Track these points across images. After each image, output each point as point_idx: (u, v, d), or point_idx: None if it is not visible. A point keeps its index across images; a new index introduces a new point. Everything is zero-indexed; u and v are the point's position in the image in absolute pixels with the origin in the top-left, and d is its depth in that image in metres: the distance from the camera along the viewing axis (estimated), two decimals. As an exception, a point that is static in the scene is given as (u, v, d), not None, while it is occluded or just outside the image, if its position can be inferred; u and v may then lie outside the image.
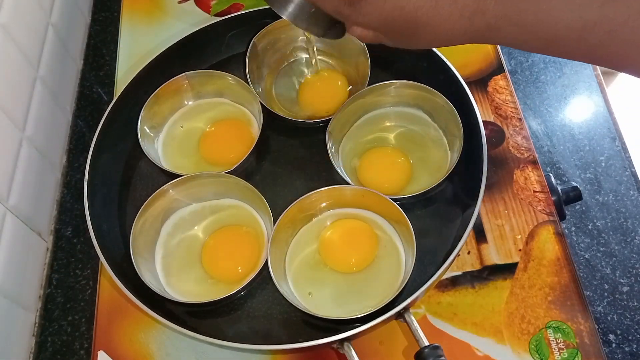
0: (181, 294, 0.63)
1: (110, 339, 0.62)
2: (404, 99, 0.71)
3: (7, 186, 0.62)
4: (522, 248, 0.65)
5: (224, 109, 0.75)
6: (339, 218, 0.66)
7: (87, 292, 0.66)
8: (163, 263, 0.65)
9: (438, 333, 0.60)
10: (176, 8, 0.85)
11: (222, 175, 0.66)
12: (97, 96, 0.80)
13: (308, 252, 0.65)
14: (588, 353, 0.59)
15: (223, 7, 0.84)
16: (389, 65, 0.74)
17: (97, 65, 0.83)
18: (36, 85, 0.71)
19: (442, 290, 0.63)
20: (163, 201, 0.66)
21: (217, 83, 0.74)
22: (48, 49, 0.74)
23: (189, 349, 0.61)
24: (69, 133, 0.78)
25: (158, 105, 0.72)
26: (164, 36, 0.80)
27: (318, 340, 0.56)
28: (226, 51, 0.78)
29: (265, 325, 0.62)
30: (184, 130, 0.74)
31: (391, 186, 0.67)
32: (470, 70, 0.75)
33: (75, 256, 0.69)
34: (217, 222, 0.67)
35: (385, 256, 0.64)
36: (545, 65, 0.77)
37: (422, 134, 0.71)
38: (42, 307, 0.66)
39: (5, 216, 0.61)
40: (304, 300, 0.62)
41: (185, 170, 0.68)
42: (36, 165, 0.69)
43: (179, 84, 0.73)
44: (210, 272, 0.64)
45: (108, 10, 0.88)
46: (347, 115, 0.70)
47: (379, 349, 0.60)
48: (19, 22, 0.67)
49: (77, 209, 0.72)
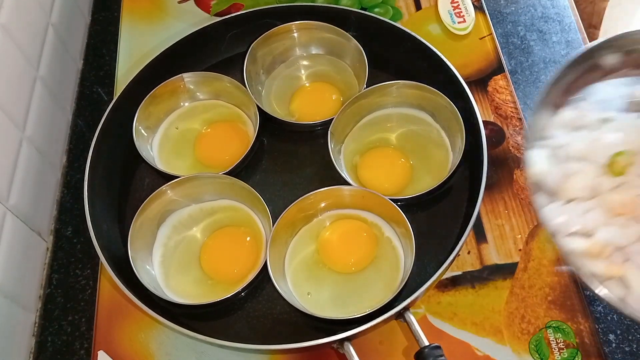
0: (180, 295, 0.63)
1: (110, 339, 0.62)
2: (405, 99, 0.71)
3: (7, 186, 0.62)
4: (522, 248, 0.65)
5: (220, 111, 0.75)
6: (338, 218, 0.66)
7: (87, 292, 0.66)
8: (161, 264, 0.65)
9: (438, 333, 0.60)
10: (176, 8, 0.85)
11: (220, 176, 0.66)
12: (97, 96, 0.80)
13: (307, 252, 0.65)
14: (588, 353, 0.59)
15: (223, 7, 0.84)
16: (388, 65, 0.74)
17: (97, 65, 0.83)
18: (36, 85, 0.71)
19: (442, 290, 0.63)
20: (161, 202, 0.65)
21: (214, 85, 0.74)
22: (48, 49, 0.74)
23: (189, 349, 0.61)
24: (69, 133, 0.78)
25: (154, 105, 0.72)
26: (164, 36, 0.80)
27: (318, 340, 0.56)
28: (226, 51, 0.78)
29: (265, 325, 0.62)
30: (179, 131, 0.74)
31: (391, 187, 0.67)
32: (470, 70, 0.75)
33: (75, 256, 0.69)
34: (216, 223, 0.67)
35: (384, 257, 0.64)
36: (545, 65, 0.77)
37: (424, 135, 0.71)
38: (42, 307, 0.66)
39: (5, 216, 0.61)
40: (303, 300, 0.62)
41: (180, 171, 0.68)
42: (36, 165, 0.69)
43: (175, 85, 0.73)
44: (209, 273, 0.64)
45: (108, 10, 0.88)
46: (349, 116, 0.70)
47: (379, 349, 0.60)
48: (19, 22, 0.67)
49: (77, 209, 0.72)
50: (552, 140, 0.57)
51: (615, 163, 0.53)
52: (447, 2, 0.81)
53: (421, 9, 0.82)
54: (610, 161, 0.54)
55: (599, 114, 0.58)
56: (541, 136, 0.57)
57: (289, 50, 0.77)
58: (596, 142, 0.56)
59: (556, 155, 0.56)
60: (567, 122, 0.58)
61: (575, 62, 0.58)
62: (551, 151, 0.57)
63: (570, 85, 0.59)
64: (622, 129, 0.56)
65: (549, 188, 0.54)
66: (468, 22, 0.79)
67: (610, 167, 0.53)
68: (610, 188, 0.53)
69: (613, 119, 0.57)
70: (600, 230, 0.51)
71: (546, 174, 0.55)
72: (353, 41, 0.73)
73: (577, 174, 0.54)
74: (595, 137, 0.56)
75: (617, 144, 0.55)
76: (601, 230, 0.51)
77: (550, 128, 0.58)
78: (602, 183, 0.53)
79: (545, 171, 0.55)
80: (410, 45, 0.73)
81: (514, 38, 0.80)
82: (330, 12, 0.76)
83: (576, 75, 0.59)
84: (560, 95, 0.59)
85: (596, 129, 0.57)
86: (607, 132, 0.56)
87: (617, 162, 0.53)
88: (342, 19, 0.75)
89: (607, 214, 0.52)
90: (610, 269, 0.50)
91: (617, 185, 0.53)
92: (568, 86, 0.59)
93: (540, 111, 0.58)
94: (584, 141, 0.56)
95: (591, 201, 0.53)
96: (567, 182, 0.54)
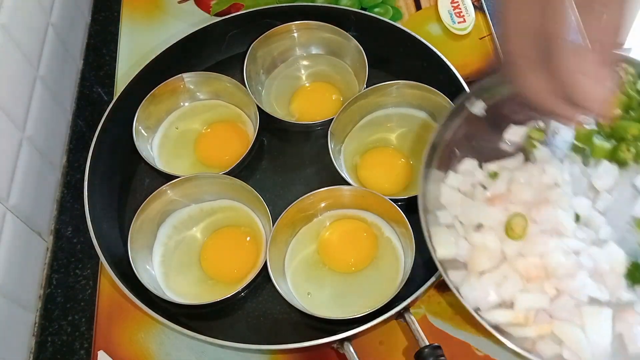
0: (180, 295, 0.63)
1: (110, 339, 0.62)
2: (405, 99, 0.71)
3: (7, 186, 0.62)
4: (522, 248, 0.64)
5: (220, 111, 0.75)
6: (338, 218, 0.66)
7: (87, 292, 0.66)
8: (161, 264, 0.65)
9: (438, 333, 0.60)
10: (176, 8, 0.85)
11: (220, 176, 0.66)
12: (97, 96, 0.80)
13: (307, 252, 0.65)
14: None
15: (223, 7, 0.84)
16: (388, 65, 0.74)
17: (97, 65, 0.83)
18: (36, 85, 0.71)
19: (442, 290, 0.63)
20: (161, 202, 0.66)
21: (214, 85, 0.74)
22: (48, 49, 0.74)
23: (189, 349, 0.61)
24: (69, 133, 0.78)
25: (154, 105, 0.72)
26: (164, 36, 0.80)
27: (318, 340, 0.56)
28: (226, 51, 0.78)
29: (265, 325, 0.62)
30: (179, 131, 0.74)
31: (391, 187, 0.67)
32: (470, 70, 0.75)
33: (75, 256, 0.69)
34: (216, 223, 0.67)
35: (384, 256, 0.64)
36: (545, 65, 0.77)
37: (424, 135, 0.70)
38: (42, 307, 0.66)
39: (5, 216, 0.61)
40: (303, 300, 0.62)
41: (179, 171, 0.68)
42: (36, 165, 0.69)
43: (175, 85, 0.73)
44: (209, 273, 0.64)
45: (108, 10, 0.88)
46: (349, 116, 0.70)
47: (379, 349, 0.60)
48: (19, 22, 0.67)
49: (77, 209, 0.72)
50: (446, 212, 0.56)
51: (512, 227, 0.52)
52: (447, 2, 0.81)
53: (421, 9, 0.82)
54: (507, 226, 0.52)
55: (484, 169, 0.57)
56: (436, 206, 0.56)
57: (289, 50, 0.77)
58: (490, 209, 0.54)
59: (455, 227, 0.55)
60: (455, 185, 0.57)
61: (450, 118, 0.58)
62: (449, 223, 0.55)
63: (458, 141, 0.59)
64: (509, 182, 0.55)
65: (459, 264, 0.54)
66: (468, 22, 0.79)
67: (509, 233, 0.52)
68: (515, 254, 0.52)
69: (499, 171, 0.56)
70: (519, 299, 0.50)
71: (453, 254, 0.54)
72: (353, 41, 0.73)
73: (480, 245, 0.53)
74: (487, 200, 0.55)
75: (511, 204, 0.54)
76: (519, 299, 0.50)
77: (443, 195, 0.57)
78: (506, 250, 0.52)
79: (452, 251, 0.54)
80: (410, 45, 0.73)
81: (514, 38, 0.80)
82: (330, 12, 0.76)
83: (463, 130, 0.59)
84: (447, 155, 0.58)
85: (486, 189, 0.56)
86: (496, 189, 0.55)
87: (515, 225, 0.52)
88: (342, 19, 0.75)
89: (520, 280, 0.51)
90: (539, 329, 0.50)
91: (520, 249, 0.52)
92: (456, 142, 0.59)
93: (429, 177, 0.57)
94: (477, 208, 0.55)
95: (501, 269, 0.52)
96: (473, 256, 0.53)
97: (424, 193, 0.56)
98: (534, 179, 0.55)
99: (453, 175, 0.58)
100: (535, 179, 0.55)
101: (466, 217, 0.55)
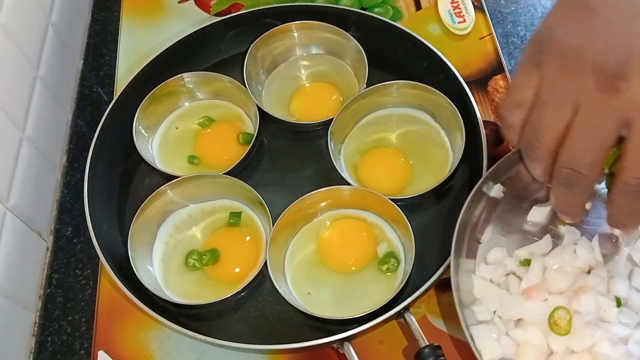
0: (180, 295, 0.63)
1: (110, 339, 0.62)
2: (405, 99, 0.71)
3: (7, 186, 0.62)
4: (522, 248, 0.64)
5: (220, 111, 0.75)
6: (338, 218, 0.66)
7: (87, 292, 0.66)
8: (161, 264, 0.65)
9: (438, 333, 0.60)
10: (176, 8, 0.85)
11: (220, 176, 0.66)
12: (97, 96, 0.80)
13: (307, 252, 0.65)
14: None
15: (223, 7, 0.84)
16: (388, 65, 0.74)
17: (97, 65, 0.83)
18: (36, 85, 0.71)
19: (442, 290, 0.63)
20: (161, 202, 0.65)
21: (214, 84, 0.74)
22: (48, 49, 0.74)
23: (189, 349, 0.61)
24: (69, 133, 0.78)
25: (154, 105, 0.72)
26: (164, 36, 0.80)
27: (318, 340, 0.56)
28: (226, 51, 0.78)
29: (265, 325, 0.62)
30: (179, 131, 0.74)
31: (391, 187, 0.67)
32: (470, 70, 0.75)
33: (75, 256, 0.69)
34: (215, 223, 0.67)
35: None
36: (545, 65, 0.77)
37: (424, 135, 0.71)
38: (42, 307, 0.66)
39: (5, 216, 0.61)
40: (303, 300, 0.62)
41: (179, 171, 0.68)
42: (36, 165, 0.69)
43: (175, 85, 0.73)
44: (209, 273, 0.64)
45: (108, 10, 0.88)
46: (349, 116, 0.70)
47: (379, 349, 0.60)
48: (19, 22, 0.67)
49: (77, 209, 0.72)
50: (483, 307, 0.54)
51: (556, 322, 0.50)
52: (447, 2, 0.81)
53: (421, 9, 0.82)
54: (551, 321, 0.50)
55: (514, 257, 0.55)
56: (471, 299, 0.55)
57: (289, 50, 0.77)
58: (528, 303, 0.52)
59: (494, 323, 0.53)
60: (487, 277, 0.56)
61: (471, 202, 0.58)
62: (488, 319, 0.54)
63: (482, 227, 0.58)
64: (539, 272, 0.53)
65: None
66: (468, 22, 0.79)
67: (554, 328, 0.50)
68: (564, 350, 0.50)
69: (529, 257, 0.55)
70: None
71: (499, 355, 0.51)
72: (353, 41, 0.73)
73: (524, 342, 0.51)
74: (523, 292, 0.53)
75: (549, 295, 0.51)
76: None
77: (476, 287, 0.55)
78: (553, 346, 0.50)
79: (498, 353, 0.51)
80: (410, 45, 0.73)
81: (514, 38, 0.80)
82: (330, 12, 0.76)
83: (485, 215, 0.58)
84: (473, 242, 0.58)
85: (520, 278, 0.54)
86: (531, 280, 0.53)
87: (559, 320, 0.50)
88: (342, 19, 0.75)
89: None
90: None
91: (568, 344, 0.50)
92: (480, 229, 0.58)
93: (459, 267, 0.55)
94: (515, 302, 0.53)
95: None
96: (519, 353, 0.51)
97: (457, 286, 0.54)
98: (567, 263, 0.53)
99: (484, 267, 0.57)
100: (568, 263, 0.53)
101: (505, 312, 0.54)
